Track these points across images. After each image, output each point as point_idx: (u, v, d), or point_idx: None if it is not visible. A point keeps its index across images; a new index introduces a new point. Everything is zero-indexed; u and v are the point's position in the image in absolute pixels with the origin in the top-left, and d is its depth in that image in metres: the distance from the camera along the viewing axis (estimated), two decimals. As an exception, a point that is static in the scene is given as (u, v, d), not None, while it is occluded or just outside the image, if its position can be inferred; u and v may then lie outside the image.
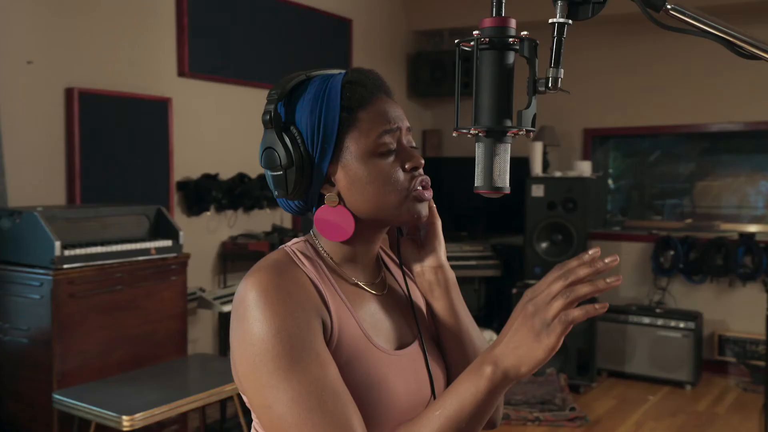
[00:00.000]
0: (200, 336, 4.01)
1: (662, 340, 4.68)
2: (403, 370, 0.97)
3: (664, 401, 4.45)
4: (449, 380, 1.04)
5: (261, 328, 0.87)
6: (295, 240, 1.02)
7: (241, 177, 4.14)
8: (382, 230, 1.02)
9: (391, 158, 0.97)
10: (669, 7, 0.81)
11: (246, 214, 4.28)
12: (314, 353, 0.87)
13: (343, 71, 1.00)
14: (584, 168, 4.87)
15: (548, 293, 0.81)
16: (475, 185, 0.90)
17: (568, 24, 0.86)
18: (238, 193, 4.08)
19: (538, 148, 4.93)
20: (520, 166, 5.12)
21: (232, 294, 3.65)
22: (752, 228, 5.13)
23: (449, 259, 1.08)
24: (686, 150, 5.58)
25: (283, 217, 4.53)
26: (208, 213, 4.02)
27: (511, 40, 0.87)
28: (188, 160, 3.93)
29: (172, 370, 2.91)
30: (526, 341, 0.80)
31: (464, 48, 0.91)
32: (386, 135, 0.96)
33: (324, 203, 0.98)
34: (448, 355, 1.05)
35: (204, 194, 3.91)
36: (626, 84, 5.18)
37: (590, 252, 0.82)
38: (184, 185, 3.90)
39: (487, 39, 0.87)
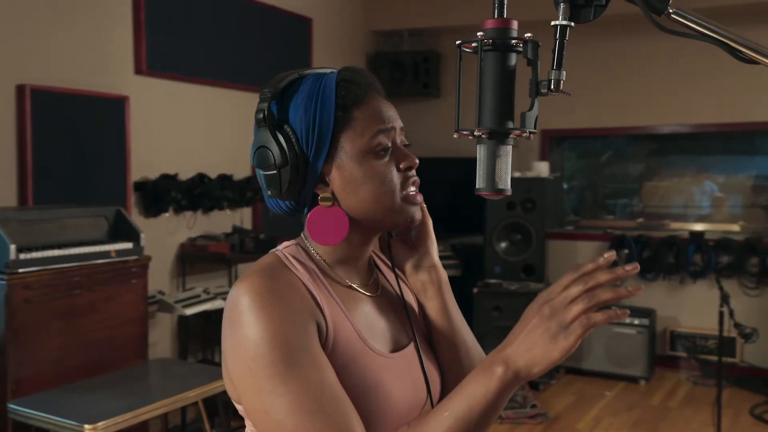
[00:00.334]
0: (159, 340, 3.91)
1: (618, 337, 4.79)
2: (400, 374, 0.96)
3: (620, 396, 4.56)
4: (443, 381, 1.03)
5: (256, 333, 0.85)
6: (285, 243, 1.00)
7: (201, 177, 4.06)
8: (376, 233, 1.01)
9: (386, 158, 0.96)
10: (670, 11, 0.82)
11: (205, 215, 4.20)
12: (311, 357, 0.86)
13: (335, 70, 0.99)
14: (542, 168, 4.95)
15: (566, 296, 0.80)
16: (477, 187, 0.90)
17: (571, 26, 0.87)
18: (198, 194, 4.00)
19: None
20: (479, 166, 5.16)
21: (194, 297, 3.58)
22: (698, 227, 5.30)
23: None
24: (635, 151, 5.73)
25: (243, 218, 4.46)
26: (167, 214, 3.93)
27: (514, 41, 0.87)
28: (146, 160, 3.83)
29: (134, 376, 2.83)
30: (541, 343, 0.80)
31: (465, 49, 0.91)
32: (381, 134, 0.95)
33: (316, 204, 0.96)
34: (441, 355, 1.05)
35: (162, 195, 3.83)
36: (582, 86, 5.28)
37: (605, 256, 0.82)
38: (141, 185, 3.81)
39: (491, 40, 0.87)
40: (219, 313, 3.84)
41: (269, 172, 0.94)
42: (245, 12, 4.46)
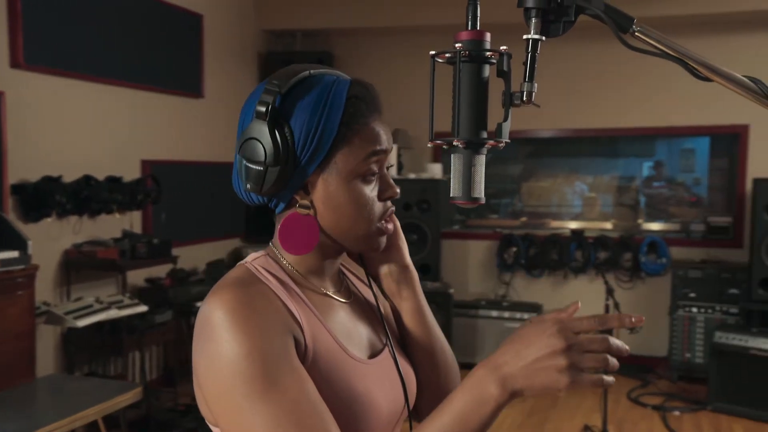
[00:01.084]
0: (41, 354, 3.62)
1: (509, 332, 5.00)
2: (380, 379, 0.96)
3: (512, 388, 4.77)
4: (419, 382, 1.04)
5: (231, 350, 0.82)
6: (254, 255, 0.97)
7: (87, 179, 3.81)
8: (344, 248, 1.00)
9: (372, 184, 0.96)
10: (635, 29, 0.87)
11: (92, 219, 3.95)
12: (289, 370, 0.83)
13: (347, 78, 0.97)
14: (435, 170, 5.08)
15: (591, 341, 0.81)
16: (452, 195, 0.91)
17: (542, 40, 0.90)
18: (84, 197, 3.75)
19: (392, 151, 5.05)
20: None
21: (85, 307, 3.36)
22: (574, 224, 5.65)
23: None
24: (515, 153, 6.03)
25: (133, 222, 4.24)
26: (49, 219, 3.66)
27: (489, 53, 0.89)
28: (25, 161, 3.54)
29: (24, 396, 2.61)
30: (548, 371, 0.80)
31: (438, 60, 0.91)
32: (374, 157, 0.94)
33: (290, 208, 0.94)
34: (416, 356, 1.05)
35: (44, 198, 3.55)
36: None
37: (633, 320, 0.83)
38: (20, 188, 3.52)
39: (467, 52, 0.88)
40: (112, 323, 3.63)
41: (255, 167, 0.90)
42: (133, 5, 4.24)
